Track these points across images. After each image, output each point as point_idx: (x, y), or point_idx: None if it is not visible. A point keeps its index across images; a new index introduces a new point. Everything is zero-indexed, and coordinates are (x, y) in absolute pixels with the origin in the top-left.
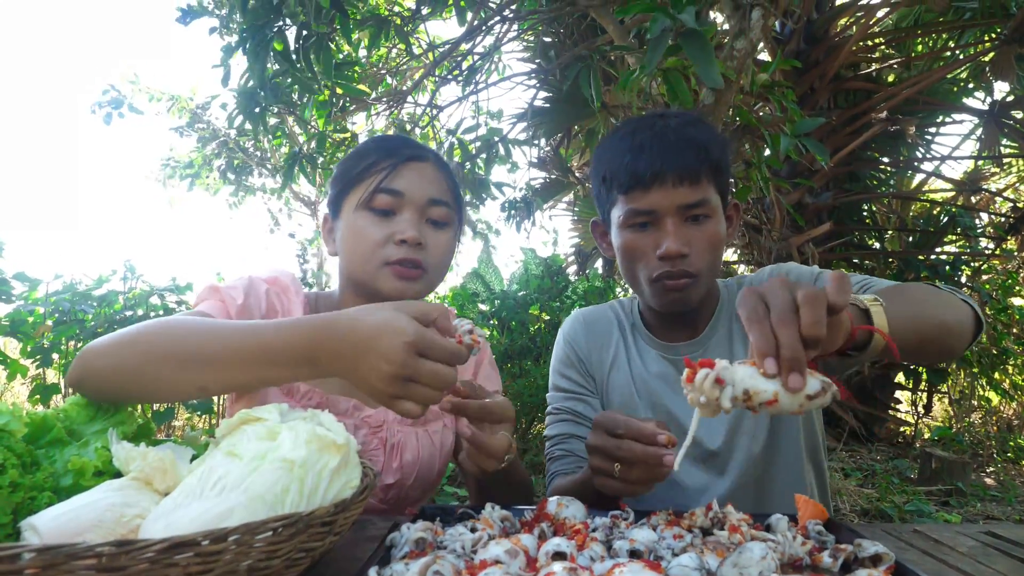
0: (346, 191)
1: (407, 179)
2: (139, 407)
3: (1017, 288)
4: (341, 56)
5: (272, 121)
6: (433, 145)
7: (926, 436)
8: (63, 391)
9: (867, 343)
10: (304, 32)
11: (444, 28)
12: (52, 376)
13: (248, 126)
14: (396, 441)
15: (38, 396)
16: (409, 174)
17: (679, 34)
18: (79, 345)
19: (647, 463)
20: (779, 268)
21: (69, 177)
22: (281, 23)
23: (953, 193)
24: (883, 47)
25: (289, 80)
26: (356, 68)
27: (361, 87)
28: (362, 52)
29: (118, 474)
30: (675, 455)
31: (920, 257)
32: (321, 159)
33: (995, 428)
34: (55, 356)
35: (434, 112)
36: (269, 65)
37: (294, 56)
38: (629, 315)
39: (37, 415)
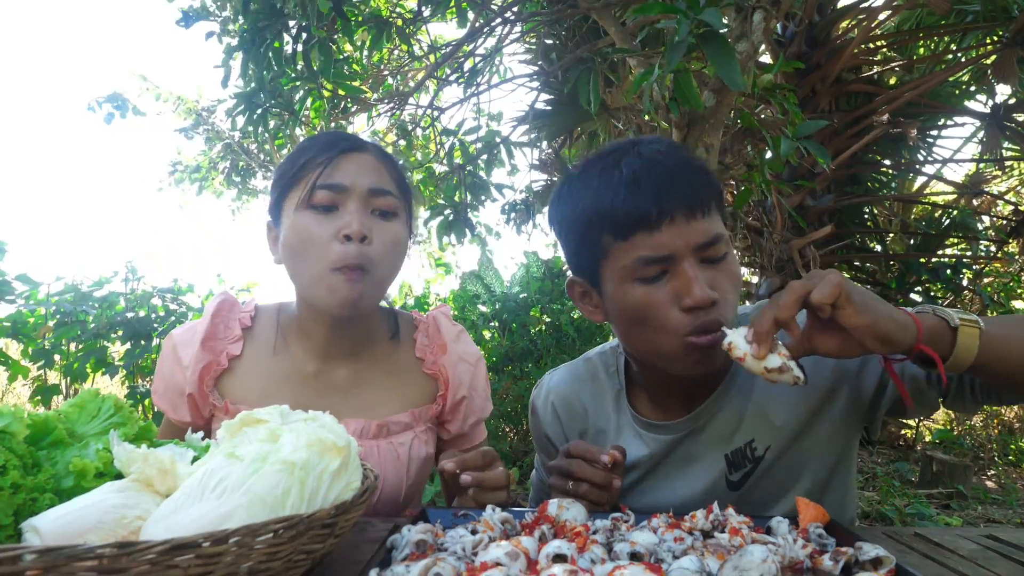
0: (285, 193)
1: (345, 171)
2: (139, 409)
3: (1019, 291)
4: (341, 56)
5: (272, 123)
6: (433, 147)
7: (927, 439)
8: (64, 392)
9: (950, 355)
10: (304, 35)
11: (446, 29)
12: (53, 377)
13: (249, 128)
14: None
15: (39, 397)
16: (347, 166)
17: (698, 36)
18: (80, 346)
19: (592, 481)
20: None
21: (72, 181)
22: (281, 26)
23: (955, 196)
24: (885, 50)
25: (290, 79)
26: (354, 67)
27: (362, 87)
28: (363, 53)
29: (119, 476)
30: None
31: (922, 260)
32: None
33: (996, 431)
34: (56, 357)
35: (435, 114)
36: (267, 71)
37: (292, 57)
38: (613, 377)
39: (38, 416)
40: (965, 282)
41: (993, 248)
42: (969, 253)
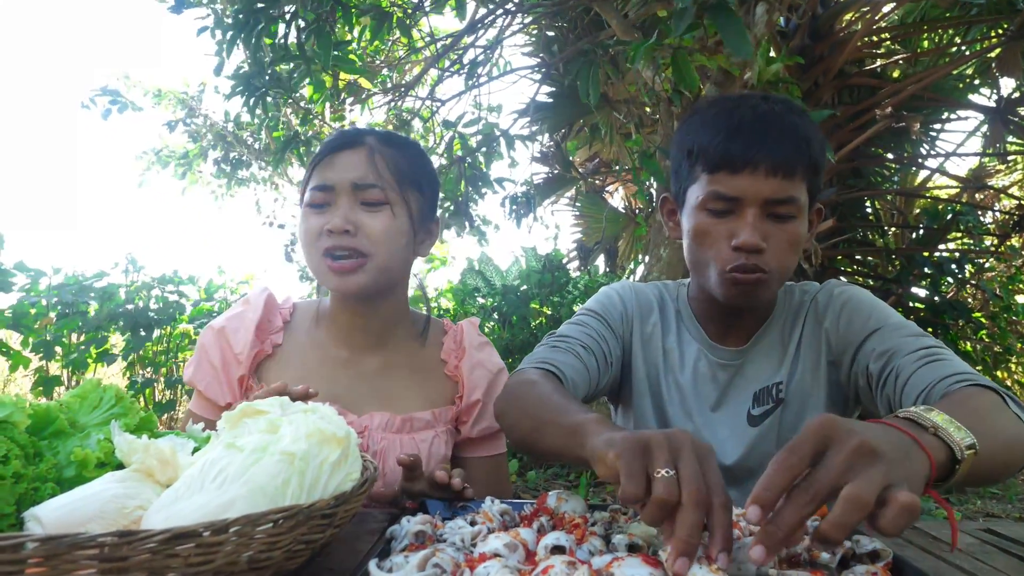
0: (302, 191)
1: (333, 169)
2: (140, 399)
3: (1021, 285)
4: (341, 42)
5: (270, 112)
6: (431, 139)
7: None
8: (65, 383)
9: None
10: (302, 22)
11: (446, 21)
12: (54, 368)
13: (246, 115)
14: (379, 448)
15: (41, 388)
16: (336, 163)
17: (704, 6)
18: (81, 338)
19: (681, 535)
20: (845, 293)
21: (67, 177)
22: (276, 12)
23: (957, 190)
24: (888, 43)
25: (289, 67)
26: (350, 50)
27: (361, 80)
28: (361, 45)
29: (120, 466)
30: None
31: (924, 254)
32: (318, 144)
33: None
34: (58, 349)
35: (436, 106)
36: (263, 55)
37: (288, 44)
38: (675, 300)
39: (40, 407)
40: (967, 276)
41: (996, 242)
42: (971, 247)
